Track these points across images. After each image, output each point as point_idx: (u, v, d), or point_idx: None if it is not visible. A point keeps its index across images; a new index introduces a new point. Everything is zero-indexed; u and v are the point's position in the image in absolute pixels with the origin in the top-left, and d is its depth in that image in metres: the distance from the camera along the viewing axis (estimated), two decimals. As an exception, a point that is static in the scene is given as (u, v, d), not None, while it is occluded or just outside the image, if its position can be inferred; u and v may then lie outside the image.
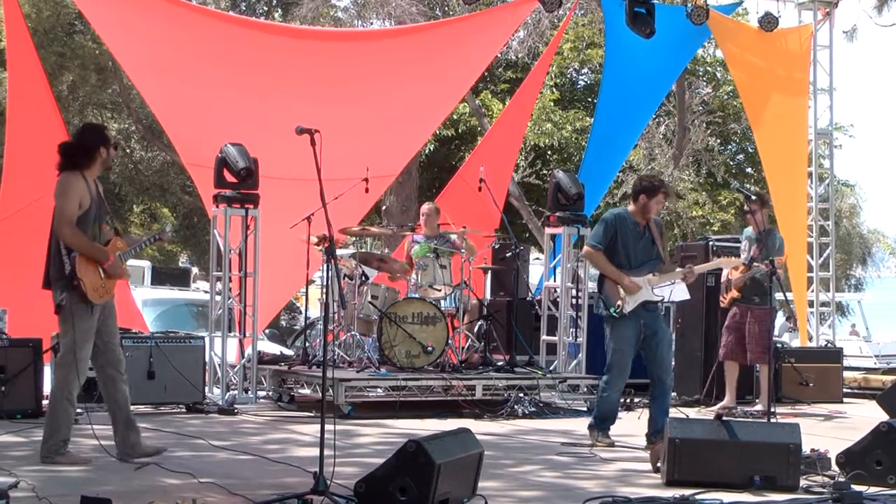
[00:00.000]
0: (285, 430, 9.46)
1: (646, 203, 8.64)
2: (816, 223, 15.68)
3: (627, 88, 14.75)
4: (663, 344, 8.71)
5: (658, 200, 8.68)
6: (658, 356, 8.64)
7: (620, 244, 8.62)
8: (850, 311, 37.34)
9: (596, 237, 8.73)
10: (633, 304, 8.54)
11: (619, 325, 8.59)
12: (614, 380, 8.66)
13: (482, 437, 7.04)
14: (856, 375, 14.41)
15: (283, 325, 22.86)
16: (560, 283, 12.37)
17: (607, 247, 8.62)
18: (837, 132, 23.89)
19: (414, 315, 10.88)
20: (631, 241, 8.63)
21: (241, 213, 10.98)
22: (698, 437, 7.12)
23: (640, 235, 8.67)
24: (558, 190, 12.34)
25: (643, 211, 8.67)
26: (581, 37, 24.86)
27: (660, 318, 8.80)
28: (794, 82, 15.43)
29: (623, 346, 8.60)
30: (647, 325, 8.62)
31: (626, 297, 8.53)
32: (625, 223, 8.65)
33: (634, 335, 8.60)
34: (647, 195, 8.64)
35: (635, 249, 8.64)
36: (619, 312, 8.53)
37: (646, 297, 8.59)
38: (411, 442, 5.89)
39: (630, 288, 8.51)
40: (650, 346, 8.65)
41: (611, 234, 8.61)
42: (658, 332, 8.68)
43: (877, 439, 7.16)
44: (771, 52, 15.20)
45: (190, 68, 12.30)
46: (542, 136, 23.11)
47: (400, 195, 19.49)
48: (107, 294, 7.41)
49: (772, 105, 15.32)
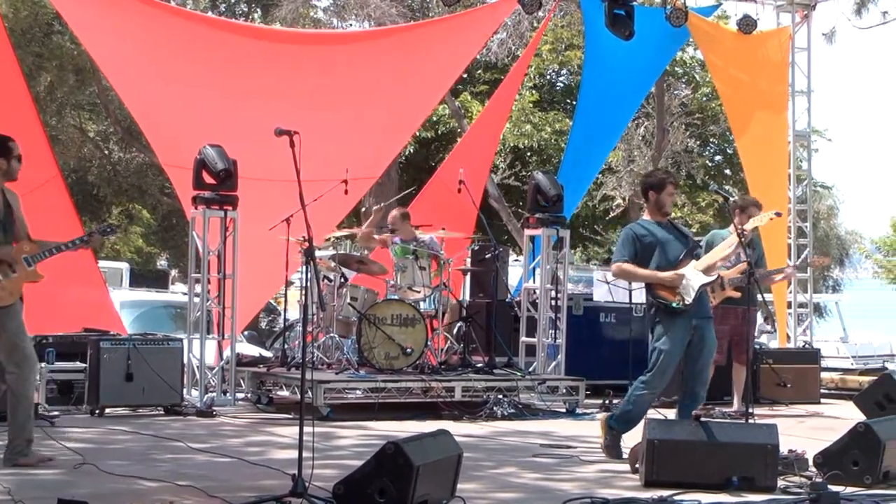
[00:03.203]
0: (264, 432, 9.44)
1: (657, 198, 8.30)
2: (794, 224, 15.75)
3: (607, 90, 14.79)
4: (707, 354, 8.21)
5: (669, 192, 8.33)
6: (699, 366, 8.18)
7: (649, 250, 8.17)
8: (828, 313, 37.52)
9: (619, 253, 8.32)
10: (693, 292, 8.02)
11: (670, 324, 8.08)
12: (654, 381, 8.12)
13: (461, 438, 7.04)
14: (833, 376, 14.47)
15: (262, 326, 22.80)
16: (539, 285, 12.39)
17: (636, 258, 8.18)
18: (815, 135, 24.00)
19: (393, 317, 10.86)
20: (657, 243, 8.19)
21: (220, 214, 10.95)
22: (677, 438, 7.14)
23: (666, 233, 8.26)
24: (537, 191, 12.36)
25: (658, 207, 8.32)
26: (560, 38, 24.91)
27: (711, 326, 8.33)
28: (777, 95, 15.52)
29: (672, 347, 8.05)
30: (697, 329, 8.14)
31: (681, 290, 8.05)
32: (644, 229, 8.28)
33: (685, 338, 8.11)
34: (654, 191, 8.32)
35: (666, 248, 8.18)
36: (682, 305, 8.04)
37: (701, 282, 8.08)
38: (390, 444, 5.88)
39: (673, 280, 8.05)
40: (694, 353, 8.16)
41: (634, 246, 8.19)
42: (706, 339, 8.19)
43: (854, 440, 7.20)
44: (753, 64, 15.27)
45: (169, 70, 12.26)
46: (521, 137, 23.16)
47: (379, 197, 19.42)
48: (9, 297, 7.39)
49: (755, 117, 15.42)
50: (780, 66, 15.50)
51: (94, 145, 23.88)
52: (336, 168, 11.73)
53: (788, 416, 11.33)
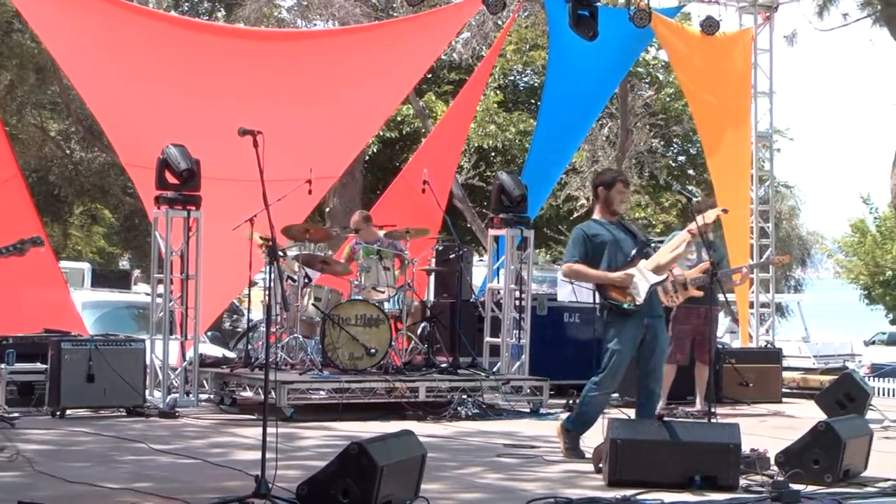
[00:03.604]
0: (227, 433, 9.40)
1: (606, 196, 8.29)
2: (757, 225, 15.86)
3: (571, 91, 14.84)
4: (659, 352, 8.23)
5: (619, 190, 8.32)
6: (652, 365, 8.19)
7: (600, 250, 8.17)
8: (790, 313, 37.80)
9: (569, 253, 8.32)
10: (643, 292, 8.04)
11: (622, 325, 8.10)
12: (606, 381, 8.14)
13: (425, 438, 7.04)
14: (795, 375, 14.59)
15: (226, 327, 22.73)
16: (503, 285, 12.41)
17: (587, 258, 8.18)
18: (776, 135, 24.17)
19: (357, 317, 10.85)
20: (608, 242, 8.20)
21: (183, 214, 10.90)
22: (640, 438, 7.17)
23: (616, 233, 8.27)
24: (502, 191, 12.38)
25: (608, 205, 8.31)
26: (524, 39, 24.98)
27: (663, 324, 8.36)
28: (743, 109, 15.63)
29: (623, 346, 8.09)
30: (649, 328, 8.15)
31: (631, 290, 8.07)
32: (595, 229, 8.27)
33: (637, 337, 8.13)
34: (605, 188, 8.31)
35: (617, 247, 8.19)
36: (633, 305, 8.04)
37: (651, 281, 8.10)
38: (354, 444, 5.88)
39: (623, 280, 8.06)
40: (647, 352, 8.17)
41: (585, 246, 8.19)
42: (658, 338, 8.21)
43: (815, 438, 7.26)
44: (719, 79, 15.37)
45: (130, 69, 12.18)
46: (485, 137, 23.20)
47: (343, 197, 19.48)
48: None
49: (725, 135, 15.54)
50: (745, 75, 15.60)
51: (55, 145, 23.74)
52: (299, 167, 11.70)
53: (750, 416, 11.41)
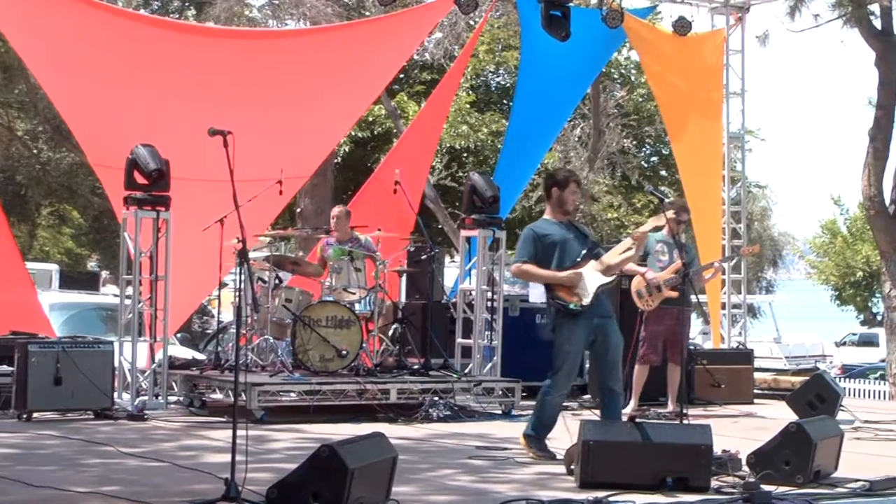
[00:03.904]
0: (197, 435, 9.37)
1: (559, 195, 8.33)
2: (729, 226, 15.93)
3: (543, 91, 14.86)
4: (614, 349, 8.26)
5: (572, 191, 8.35)
6: (609, 364, 8.23)
7: (550, 250, 8.23)
8: (762, 314, 38.01)
9: (520, 253, 8.35)
10: (590, 294, 8.08)
11: (571, 325, 8.15)
12: (560, 382, 8.22)
13: (397, 441, 7.04)
14: (766, 377, 14.69)
15: (195, 329, 22.64)
16: (475, 286, 12.42)
17: (537, 258, 8.23)
18: (749, 135, 24.30)
19: (328, 318, 10.83)
20: (559, 242, 8.25)
21: (152, 215, 10.85)
22: (612, 440, 7.18)
23: (567, 232, 8.32)
24: (474, 192, 12.38)
25: (560, 205, 8.35)
26: (497, 39, 25.02)
27: (613, 323, 8.38)
28: (713, 102, 15.70)
29: (574, 346, 8.17)
30: (599, 328, 8.20)
31: (578, 290, 8.12)
32: (545, 229, 8.32)
33: (586, 337, 8.19)
34: (558, 187, 8.34)
35: (567, 248, 8.24)
36: (579, 306, 8.10)
37: (599, 282, 8.13)
38: (324, 447, 5.86)
39: (571, 280, 8.11)
40: (601, 351, 8.26)
41: (535, 246, 8.24)
42: (610, 336, 8.25)
43: (786, 439, 7.29)
44: (689, 69, 15.44)
45: (98, 67, 12.11)
46: (457, 138, 23.21)
47: (314, 197, 19.42)
48: None
49: (691, 123, 15.60)
50: (716, 71, 15.69)
51: (22, 144, 23.57)
52: (270, 168, 11.68)
53: (722, 417, 11.46)
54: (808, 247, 43.56)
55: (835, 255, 41.18)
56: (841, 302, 42.52)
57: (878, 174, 16.28)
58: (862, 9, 16.34)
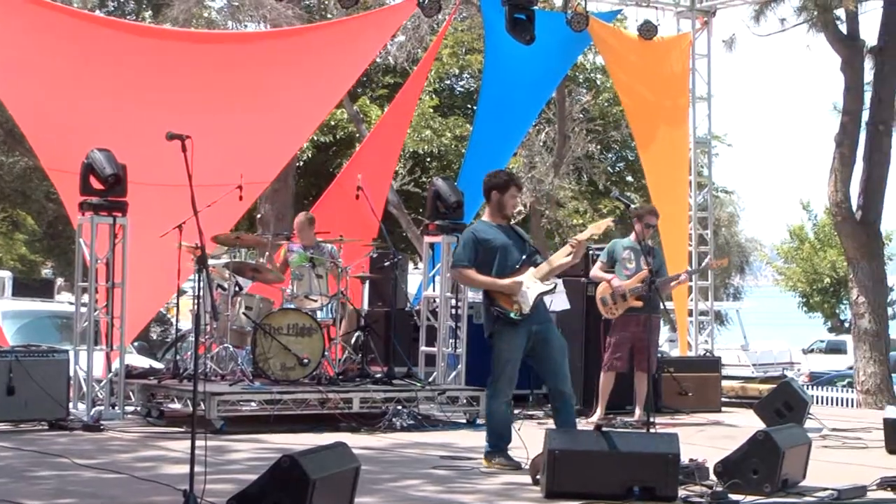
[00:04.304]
0: (154, 446, 9.31)
1: (499, 199, 8.39)
2: (696, 232, 16.02)
3: (507, 95, 14.90)
4: (556, 351, 8.31)
5: (512, 195, 8.42)
6: (553, 366, 8.28)
7: (490, 255, 8.28)
8: (729, 321, 38.25)
9: (458, 257, 8.40)
10: (528, 302, 8.16)
11: (510, 333, 8.21)
12: (502, 390, 8.27)
13: (359, 451, 7.02)
14: (734, 384, 14.78)
15: (153, 337, 22.52)
16: (439, 293, 12.42)
17: (476, 262, 8.28)
18: (715, 140, 24.46)
19: (289, 326, 10.80)
20: (499, 247, 8.30)
21: (109, 221, 10.78)
22: (578, 449, 7.20)
23: (506, 237, 8.37)
24: (437, 198, 12.39)
25: (500, 209, 8.41)
26: (460, 42, 25.08)
27: (553, 326, 8.48)
28: (680, 109, 15.79)
29: (513, 354, 8.23)
30: (538, 334, 8.27)
31: (518, 299, 8.17)
32: (486, 233, 8.36)
33: (525, 344, 8.24)
34: (498, 191, 8.39)
35: (507, 253, 8.30)
36: (519, 315, 8.16)
37: (539, 290, 8.21)
38: (285, 457, 5.85)
39: (511, 288, 8.17)
40: (542, 354, 8.30)
41: (475, 250, 8.28)
42: (551, 339, 8.31)
43: (753, 448, 7.33)
44: (655, 76, 15.52)
45: (52, 70, 12.02)
46: (421, 143, 23.25)
47: (275, 203, 19.34)
48: None
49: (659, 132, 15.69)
50: (682, 77, 15.78)
51: (-26, 148, 23.36)
52: (229, 173, 11.64)
53: (690, 425, 11.51)
54: (776, 253, 43.92)
55: (802, 262, 41.53)
56: (808, 309, 42.89)
57: (844, 180, 16.44)
58: (828, 13, 16.52)
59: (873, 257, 16.53)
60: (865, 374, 16.35)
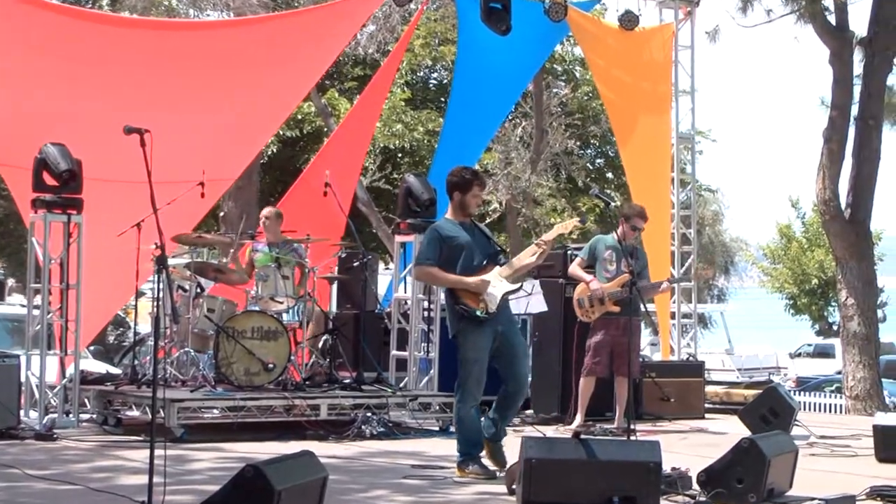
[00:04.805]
0: (111, 456, 9.28)
1: (461, 199, 8.47)
2: (678, 231, 16.07)
3: (481, 87, 14.92)
4: (520, 355, 8.48)
5: (474, 194, 8.49)
6: (514, 369, 8.40)
7: (454, 253, 8.37)
8: (713, 323, 38.43)
9: (423, 254, 8.50)
10: (496, 300, 8.26)
11: (476, 333, 8.30)
12: (470, 393, 8.35)
13: (327, 460, 7.02)
14: (718, 390, 14.83)
15: (110, 341, 22.44)
16: (410, 295, 12.42)
17: (440, 261, 8.36)
18: (699, 136, 24.54)
19: (253, 329, 10.79)
20: (464, 245, 8.38)
21: (63, 219, 10.74)
22: (555, 457, 7.20)
23: (470, 235, 8.46)
24: (409, 195, 12.39)
25: (462, 208, 8.49)
26: (433, 33, 25.07)
27: (517, 329, 8.64)
28: (660, 96, 15.84)
29: (480, 355, 8.30)
30: (503, 335, 8.37)
31: (485, 297, 8.26)
32: (451, 230, 8.44)
33: (490, 345, 8.34)
34: (460, 191, 8.47)
35: (472, 251, 8.40)
36: (485, 313, 8.25)
37: (505, 289, 8.32)
38: (249, 467, 5.83)
39: (478, 286, 8.26)
40: (507, 357, 8.39)
41: (440, 247, 8.36)
42: (515, 342, 8.45)
43: (738, 456, 7.36)
44: (636, 64, 15.57)
45: (2, 59, 11.96)
46: (392, 137, 23.23)
47: (239, 201, 19.32)
48: None
49: (639, 122, 15.73)
50: (664, 65, 15.84)
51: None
52: (191, 169, 11.61)
53: (672, 432, 11.56)
54: (762, 253, 44.08)
55: (789, 262, 41.69)
56: (796, 311, 43.07)
57: (833, 177, 16.46)
58: (816, 4, 16.58)
59: (862, 257, 16.57)
60: (854, 379, 16.41)
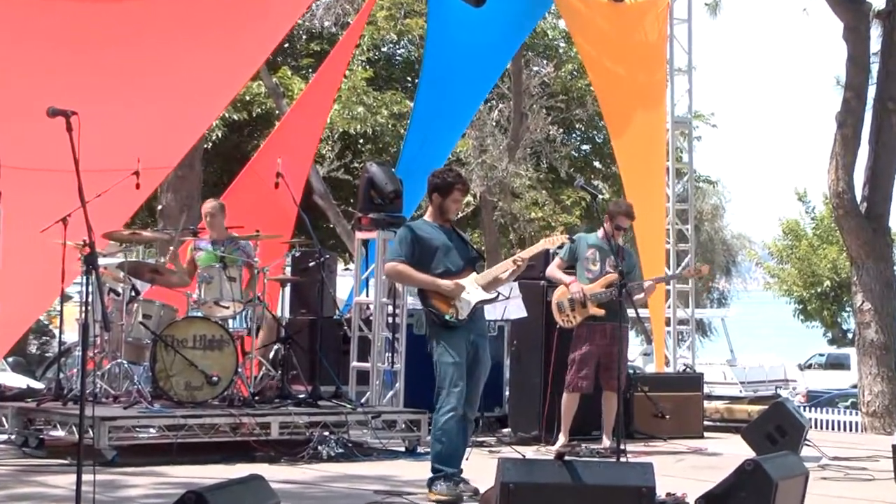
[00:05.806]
0: (32, 481, 9.25)
1: (441, 203, 8.69)
2: (674, 227, 16.11)
3: (454, 66, 14.94)
4: (481, 371, 8.62)
5: (454, 199, 8.71)
6: (471, 387, 8.54)
7: (428, 255, 8.55)
8: (713, 331, 38.60)
9: (395, 252, 8.69)
10: (468, 307, 8.47)
11: (449, 337, 8.47)
12: (451, 400, 8.43)
13: (279, 485, 7.02)
14: (718, 405, 14.89)
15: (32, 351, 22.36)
16: (373, 299, 12.42)
17: (412, 260, 8.54)
18: (697, 120, 24.64)
19: (196, 338, 10.79)
20: (440, 247, 8.59)
21: (-23, 213, 10.72)
22: (536, 482, 7.20)
23: (448, 238, 8.66)
24: (372, 186, 12.41)
25: (441, 212, 8.72)
26: (398, 3, 25.07)
27: (486, 345, 8.74)
28: (655, 84, 15.89)
29: (456, 358, 8.43)
30: (474, 345, 8.55)
31: (457, 303, 8.47)
32: (426, 231, 8.64)
33: (465, 350, 8.50)
34: (440, 194, 8.68)
35: (448, 255, 8.60)
36: (455, 319, 8.45)
37: (480, 297, 8.53)
38: (190, 493, 5.82)
39: (452, 291, 8.46)
40: (468, 370, 8.52)
41: (413, 247, 8.55)
42: (481, 357, 8.61)
43: (741, 480, 7.38)
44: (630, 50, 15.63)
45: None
46: (352, 121, 23.23)
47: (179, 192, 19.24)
48: None
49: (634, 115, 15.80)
50: (658, 46, 15.87)
51: None
52: (124, 156, 11.58)
53: (667, 453, 11.60)
54: (767, 252, 44.27)
55: (798, 262, 41.84)
56: (805, 317, 43.28)
57: (847, 166, 16.41)
58: (828, -29, 16.64)
59: (880, 257, 16.57)
60: (871, 394, 16.48)
